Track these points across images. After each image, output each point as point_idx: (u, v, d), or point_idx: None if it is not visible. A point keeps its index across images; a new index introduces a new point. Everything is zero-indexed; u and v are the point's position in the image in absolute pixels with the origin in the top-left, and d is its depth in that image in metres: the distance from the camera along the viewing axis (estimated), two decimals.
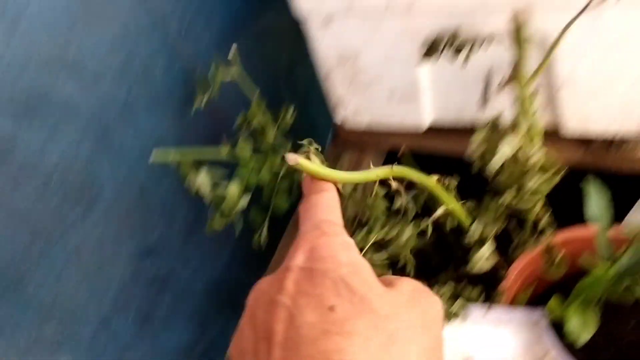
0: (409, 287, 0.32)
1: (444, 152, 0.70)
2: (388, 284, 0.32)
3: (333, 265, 0.31)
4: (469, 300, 0.51)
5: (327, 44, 0.63)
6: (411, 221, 0.53)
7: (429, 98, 0.67)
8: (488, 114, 0.55)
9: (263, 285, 0.32)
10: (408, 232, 0.52)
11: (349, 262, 0.31)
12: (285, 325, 0.29)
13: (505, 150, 0.48)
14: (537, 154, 0.49)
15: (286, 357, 0.28)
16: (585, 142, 0.63)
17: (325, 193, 0.37)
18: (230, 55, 0.61)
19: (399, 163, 0.45)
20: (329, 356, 0.27)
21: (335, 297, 0.29)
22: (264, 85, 0.68)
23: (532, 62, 0.48)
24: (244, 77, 0.62)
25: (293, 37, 0.66)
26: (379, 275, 0.32)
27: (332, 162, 0.76)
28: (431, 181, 0.48)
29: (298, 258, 0.32)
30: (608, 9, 0.50)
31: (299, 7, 0.60)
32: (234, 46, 0.60)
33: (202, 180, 0.59)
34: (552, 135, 0.62)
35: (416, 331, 0.30)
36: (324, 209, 0.36)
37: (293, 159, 0.35)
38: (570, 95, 0.58)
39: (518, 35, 0.51)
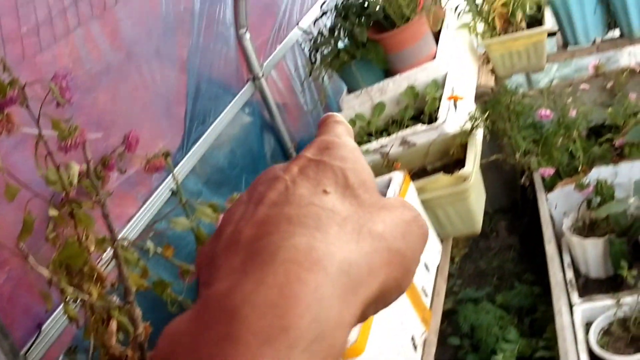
0: (400, 201, 0.34)
1: None
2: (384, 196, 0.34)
3: (339, 162, 0.33)
4: None
5: None
6: None
7: None
8: None
9: (272, 167, 0.34)
10: None
11: (354, 162, 0.33)
12: (278, 193, 0.31)
13: None
14: None
15: (269, 214, 0.30)
16: None
17: (344, 123, 0.38)
18: None
19: None
20: (305, 221, 0.29)
21: (331, 185, 0.32)
22: None
23: None
24: None
25: None
26: None
27: None
28: None
29: (310, 151, 0.34)
30: None
31: None
32: None
33: None
34: None
35: (393, 234, 0.31)
36: (343, 128, 0.37)
37: None
38: None
39: None
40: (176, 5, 1.57)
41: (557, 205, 2.68)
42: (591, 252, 2.50)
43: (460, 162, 1.81)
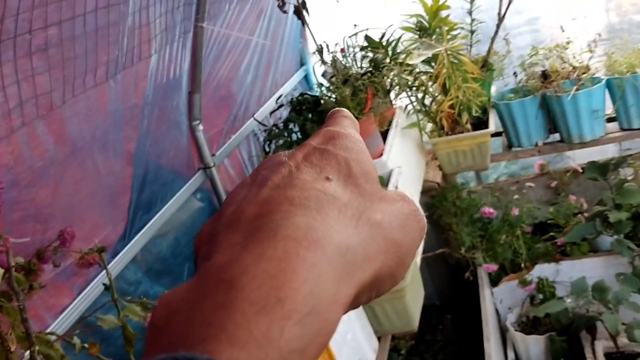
0: (401, 195, 0.35)
1: None
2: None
3: (343, 152, 0.34)
4: None
5: None
6: None
7: None
8: None
9: (277, 154, 0.35)
10: None
11: (358, 153, 0.34)
12: (281, 177, 0.32)
13: None
14: None
15: (272, 195, 0.31)
16: None
17: (352, 119, 0.39)
18: None
19: None
20: (307, 203, 0.30)
21: (334, 173, 0.33)
22: None
23: None
24: None
25: None
26: None
27: None
28: None
29: (315, 140, 0.35)
30: None
31: None
32: None
33: None
34: None
35: (391, 225, 0.32)
36: (349, 122, 0.39)
37: None
38: None
39: None
40: (126, 102, 1.63)
41: (503, 300, 2.73)
42: (533, 348, 2.54)
43: None
